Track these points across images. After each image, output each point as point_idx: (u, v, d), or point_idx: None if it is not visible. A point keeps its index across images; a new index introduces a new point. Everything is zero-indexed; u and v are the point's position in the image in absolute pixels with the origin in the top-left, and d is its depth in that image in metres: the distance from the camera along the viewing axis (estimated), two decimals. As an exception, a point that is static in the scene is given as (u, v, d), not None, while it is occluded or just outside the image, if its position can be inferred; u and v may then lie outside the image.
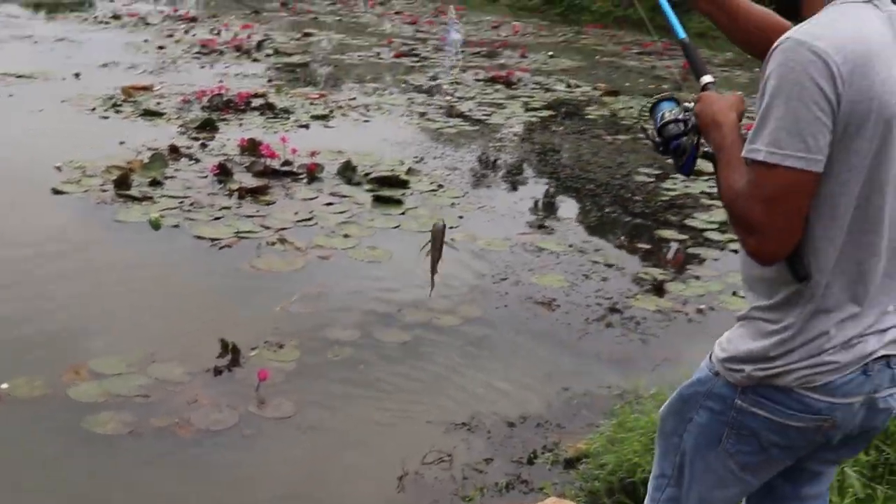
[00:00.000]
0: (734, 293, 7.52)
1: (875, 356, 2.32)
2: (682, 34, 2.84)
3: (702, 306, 7.45)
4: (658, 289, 7.88)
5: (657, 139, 2.74)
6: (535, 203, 10.55)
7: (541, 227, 9.52)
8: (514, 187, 11.17)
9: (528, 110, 15.46)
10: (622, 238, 9.43)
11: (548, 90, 17.63)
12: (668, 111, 2.71)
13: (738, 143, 2.32)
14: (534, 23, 34.51)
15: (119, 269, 7.76)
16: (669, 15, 2.91)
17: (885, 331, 2.34)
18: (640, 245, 9.15)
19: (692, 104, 2.63)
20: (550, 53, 23.83)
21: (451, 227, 8.98)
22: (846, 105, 2.12)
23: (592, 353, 6.70)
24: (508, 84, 17.77)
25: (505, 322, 7.14)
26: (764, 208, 2.19)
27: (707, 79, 2.67)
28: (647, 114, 2.81)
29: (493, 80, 18.04)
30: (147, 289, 7.41)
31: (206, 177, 10.03)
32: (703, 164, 2.75)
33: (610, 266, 8.39)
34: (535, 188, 11.28)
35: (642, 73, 20.07)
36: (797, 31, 2.20)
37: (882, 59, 2.16)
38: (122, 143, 11.09)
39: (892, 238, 2.31)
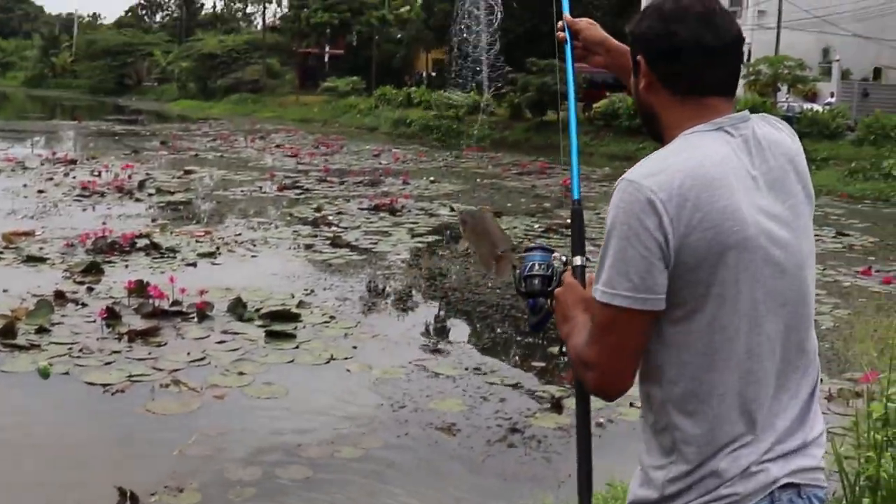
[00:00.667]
0: (631, 404, 7.63)
1: (780, 484, 2.22)
2: (576, 194, 2.78)
3: (601, 419, 7.53)
4: (556, 405, 7.95)
5: (521, 287, 2.70)
6: (428, 328, 10.61)
7: (435, 351, 9.57)
8: (405, 313, 11.24)
9: (413, 236, 15.64)
10: (516, 357, 9.53)
11: (432, 215, 17.88)
12: (538, 263, 2.67)
13: (583, 334, 2.32)
14: (413, 149, 34.98)
15: (8, 421, 7.55)
16: (574, 170, 2.85)
17: (787, 456, 2.24)
18: (534, 363, 9.25)
19: (560, 266, 2.62)
20: (432, 179, 24.21)
21: (345, 358, 9.03)
22: (676, 241, 2.11)
23: (497, 474, 6.71)
24: (393, 211, 17.97)
25: (407, 450, 7.12)
26: (600, 346, 2.21)
27: (578, 261, 2.59)
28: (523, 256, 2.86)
29: (377, 209, 18.23)
30: (39, 440, 7.22)
31: (94, 321, 9.87)
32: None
33: (507, 386, 8.45)
34: (427, 313, 11.36)
35: (523, 193, 20.49)
36: (632, 170, 2.22)
37: (724, 186, 2.15)
38: (4, 290, 10.88)
39: (778, 360, 2.25)
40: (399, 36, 65.66)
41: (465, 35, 43.22)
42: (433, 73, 63.82)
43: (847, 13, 41.25)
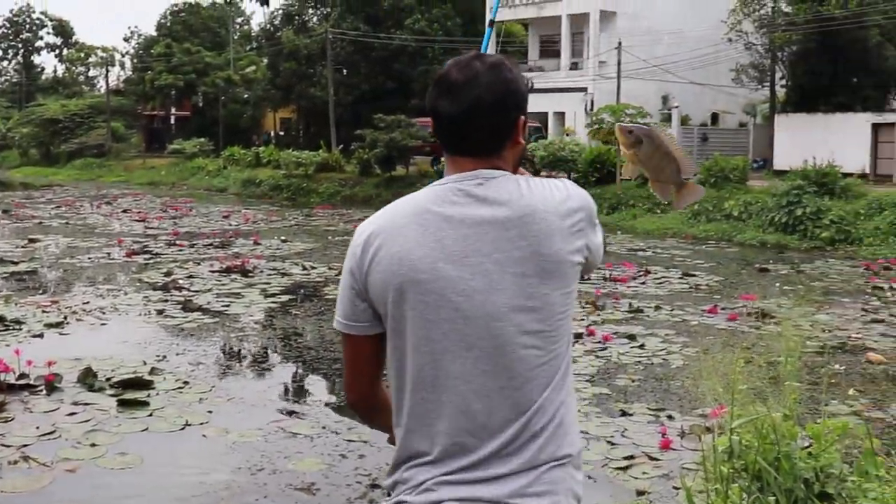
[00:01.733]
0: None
1: None
2: None
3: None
4: (414, 460, 7.98)
5: None
6: (285, 388, 10.56)
7: (292, 412, 9.52)
8: (261, 375, 11.16)
9: (267, 296, 15.55)
10: (374, 414, 9.52)
11: (284, 274, 17.80)
12: None
13: None
14: (264, 209, 34.81)
15: None
16: None
17: (459, 484, 2.40)
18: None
19: None
20: (283, 238, 24.13)
21: (200, 423, 8.92)
22: (365, 279, 2.45)
23: (358, 532, 6.71)
24: (244, 272, 17.84)
25: (267, 513, 7.06)
26: (344, 365, 2.62)
27: None
28: None
29: (228, 270, 18.07)
30: None
31: (-65, 400, 9.55)
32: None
33: (365, 443, 8.45)
34: (283, 373, 11.30)
35: (375, 249, 20.52)
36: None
37: (403, 234, 2.42)
38: None
39: (472, 399, 2.43)
40: (246, 96, 65.37)
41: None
42: (281, 133, 63.73)
43: (683, 62, 42.71)
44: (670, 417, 9.38)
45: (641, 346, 12.45)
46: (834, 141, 33.46)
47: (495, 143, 2.50)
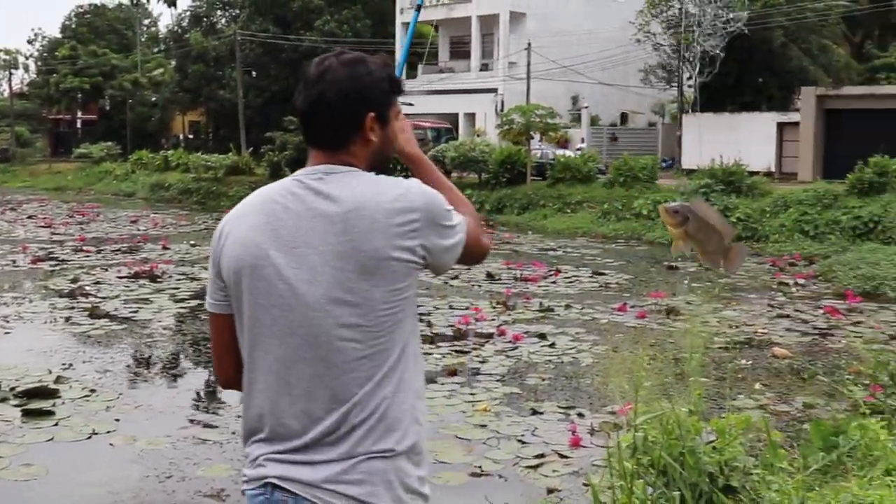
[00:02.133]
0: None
1: (268, 480, 2.55)
2: None
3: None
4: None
5: None
6: (195, 395, 10.43)
7: (200, 419, 9.41)
8: (171, 382, 11.01)
9: (176, 301, 15.36)
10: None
11: (193, 279, 17.62)
12: None
13: None
14: (173, 213, 34.42)
15: None
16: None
17: (283, 463, 2.55)
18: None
19: None
20: (192, 242, 23.89)
21: (107, 432, 8.78)
22: (218, 262, 2.64)
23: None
24: (153, 278, 17.62)
25: (175, 521, 6.97)
26: (211, 348, 2.80)
27: None
28: None
29: (136, 276, 17.82)
30: None
31: None
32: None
33: (276, 448, 8.37)
34: (194, 379, 11.16)
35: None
36: None
37: (247, 222, 2.59)
38: None
39: (294, 383, 2.56)
40: (153, 99, 64.60)
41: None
42: (190, 136, 63.06)
43: (592, 62, 43.14)
44: (581, 415, 9.44)
45: (552, 345, 12.54)
46: (740, 140, 34.07)
47: (340, 137, 2.61)
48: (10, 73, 72.11)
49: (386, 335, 2.52)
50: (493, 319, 14.16)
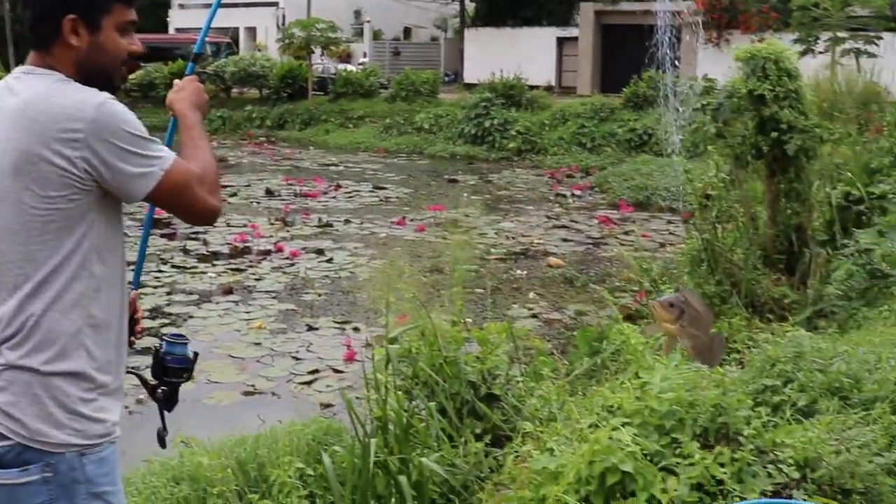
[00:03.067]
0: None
1: None
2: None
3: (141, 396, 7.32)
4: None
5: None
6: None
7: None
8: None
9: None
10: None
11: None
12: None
13: None
14: None
15: None
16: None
17: None
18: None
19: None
20: None
21: None
22: None
23: None
24: None
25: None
26: None
27: None
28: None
29: None
30: None
31: None
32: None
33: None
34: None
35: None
36: None
37: None
38: None
39: None
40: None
41: None
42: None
43: (375, -25, 42.75)
44: (356, 329, 9.41)
45: (330, 261, 12.44)
46: (521, 55, 34.36)
47: (39, 38, 2.54)
48: None
49: (38, 245, 2.43)
50: (272, 236, 13.95)
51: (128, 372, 2.76)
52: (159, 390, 2.88)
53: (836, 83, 15.24)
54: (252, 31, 46.70)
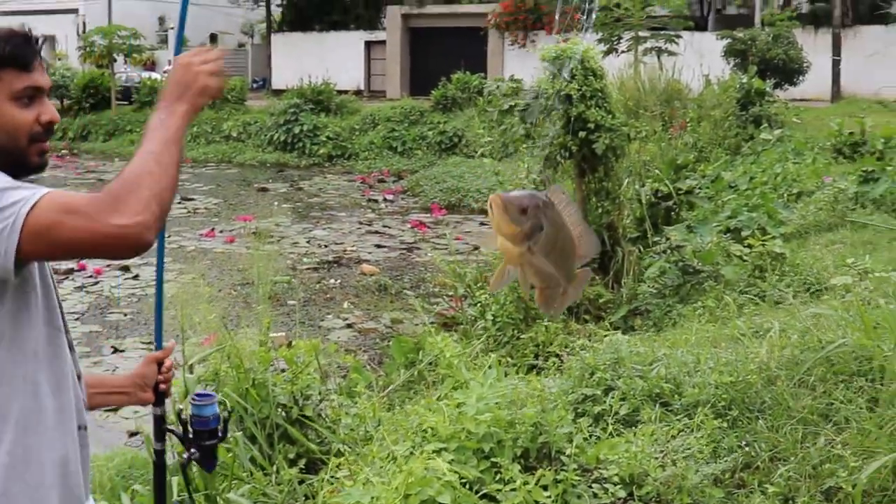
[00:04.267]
0: None
1: None
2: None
3: None
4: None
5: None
6: None
7: None
8: None
9: None
10: None
11: None
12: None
13: None
14: None
15: None
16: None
17: None
18: None
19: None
20: None
21: None
22: None
23: None
24: None
25: None
26: None
27: None
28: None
29: None
30: None
31: None
32: None
33: None
34: None
35: None
36: None
37: None
38: None
39: None
40: None
41: None
42: None
43: (175, -19, 41.75)
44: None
45: (136, 277, 11.95)
46: (329, 59, 34.15)
47: None
48: None
49: None
50: (73, 254, 13.33)
51: (167, 430, 2.71)
52: (189, 452, 2.67)
53: (639, 81, 15.55)
54: (52, 40, 45.06)
